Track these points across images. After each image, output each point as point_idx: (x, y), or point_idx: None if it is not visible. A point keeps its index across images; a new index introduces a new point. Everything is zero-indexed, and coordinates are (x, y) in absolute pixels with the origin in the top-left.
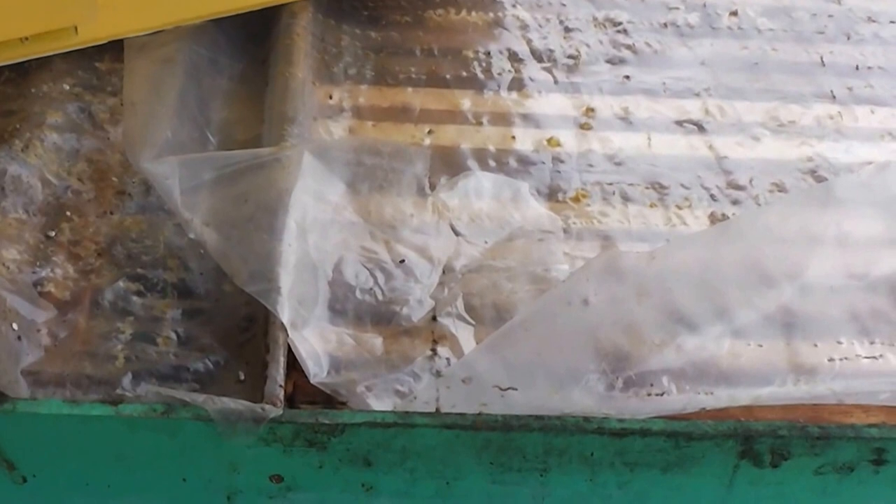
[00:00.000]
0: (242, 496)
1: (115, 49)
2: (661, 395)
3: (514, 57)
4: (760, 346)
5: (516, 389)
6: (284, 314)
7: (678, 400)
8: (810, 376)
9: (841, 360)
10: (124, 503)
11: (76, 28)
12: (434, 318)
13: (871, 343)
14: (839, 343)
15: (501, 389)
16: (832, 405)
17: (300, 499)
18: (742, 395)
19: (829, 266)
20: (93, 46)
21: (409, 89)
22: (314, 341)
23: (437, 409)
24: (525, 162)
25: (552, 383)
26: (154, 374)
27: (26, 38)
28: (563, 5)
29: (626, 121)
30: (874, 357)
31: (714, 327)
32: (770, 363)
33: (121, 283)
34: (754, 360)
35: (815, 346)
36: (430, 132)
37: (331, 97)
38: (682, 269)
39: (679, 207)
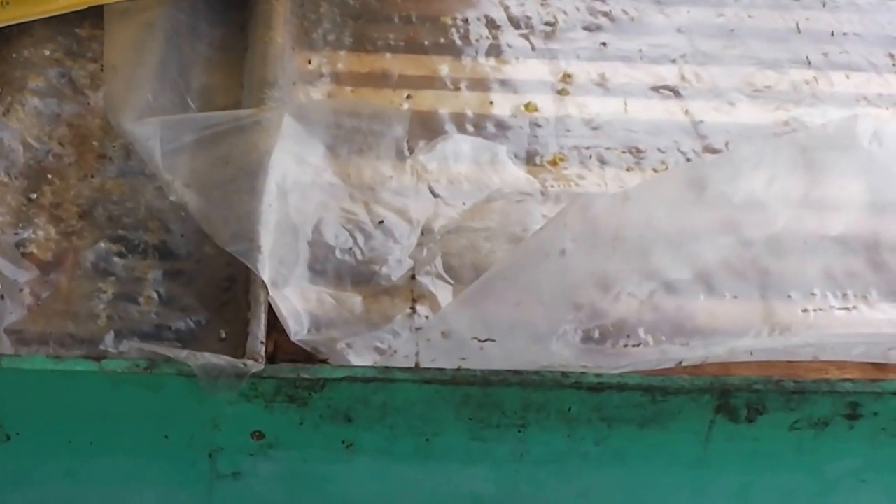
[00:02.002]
0: (224, 453)
1: (95, 15)
2: (638, 345)
3: (491, 24)
4: (735, 297)
5: (494, 341)
6: (265, 272)
7: (654, 351)
8: (785, 327)
9: (815, 311)
10: (107, 460)
11: None
12: (413, 278)
13: (845, 295)
14: (813, 294)
15: (480, 341)
16: (808, 362)
17: (281, 456)
18: (718, 346)
19: (799, 219)
20: (73, 12)
21: (388, 55)
22: (295, 300)
23: (417, 365)
24: (503, 126)
25: (530, 334)
26: (136, 332)
27: (7, 3)
28: None
29: (602, 87)
30: (848, 308)
31: (689, 279)
32: (745, 314)
33: (102, 245)
34: (729, 311)
35: (790, 297)
36: (408, 97)
37: (310, 63)
38: (656, 218)
39: (656, 171)
